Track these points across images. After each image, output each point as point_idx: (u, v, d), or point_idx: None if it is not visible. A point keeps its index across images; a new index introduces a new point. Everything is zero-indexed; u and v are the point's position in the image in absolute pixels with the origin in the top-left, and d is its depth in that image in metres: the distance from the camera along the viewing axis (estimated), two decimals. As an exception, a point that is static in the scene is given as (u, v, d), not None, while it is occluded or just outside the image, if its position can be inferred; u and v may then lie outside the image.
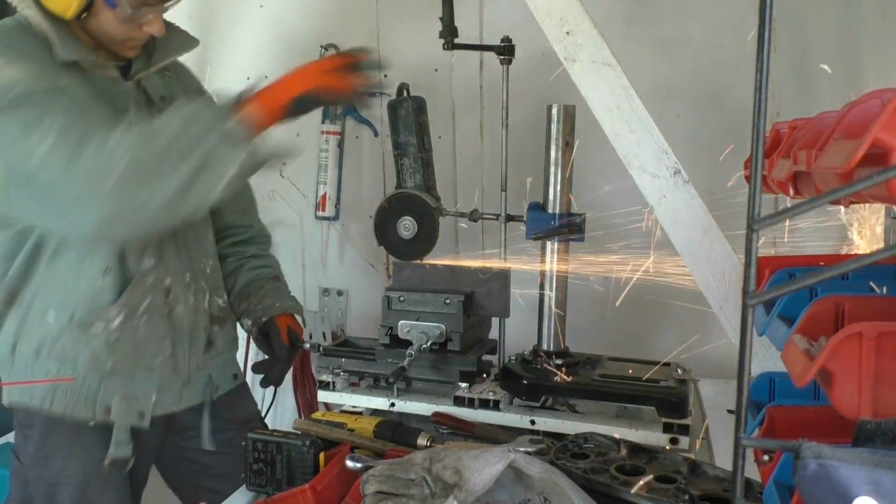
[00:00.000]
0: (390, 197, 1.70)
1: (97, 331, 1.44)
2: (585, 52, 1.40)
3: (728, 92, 2.11)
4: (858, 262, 0.53)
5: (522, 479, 1.01)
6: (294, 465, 1.24)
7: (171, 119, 1.29)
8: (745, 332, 0.56)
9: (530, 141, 1.81)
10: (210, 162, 1.25)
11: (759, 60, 0.53)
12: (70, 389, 1.46)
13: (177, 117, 1.28)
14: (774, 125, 1.15)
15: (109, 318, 1.45)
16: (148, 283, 1.49)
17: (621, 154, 1.43)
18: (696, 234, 1.41)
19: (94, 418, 1.47)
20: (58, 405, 1.45)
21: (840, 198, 0.64)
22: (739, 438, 0.56)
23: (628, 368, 1.59)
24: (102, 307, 1.45)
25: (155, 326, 1.50)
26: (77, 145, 1.25)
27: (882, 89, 0.71)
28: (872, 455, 0.51)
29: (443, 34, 1.73)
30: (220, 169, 1.26)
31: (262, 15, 2.57)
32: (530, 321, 1.66)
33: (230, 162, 1.26)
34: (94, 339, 1.44)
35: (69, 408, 1.46)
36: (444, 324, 1.58)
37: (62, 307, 1.44)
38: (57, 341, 1.45)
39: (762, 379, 1.09)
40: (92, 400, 1.47)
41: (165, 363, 1.52)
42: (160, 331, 1.51)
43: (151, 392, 1.52)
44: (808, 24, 2.05)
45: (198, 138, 1.25)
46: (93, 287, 1.44)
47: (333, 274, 2.64)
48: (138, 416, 1.50)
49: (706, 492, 1.04)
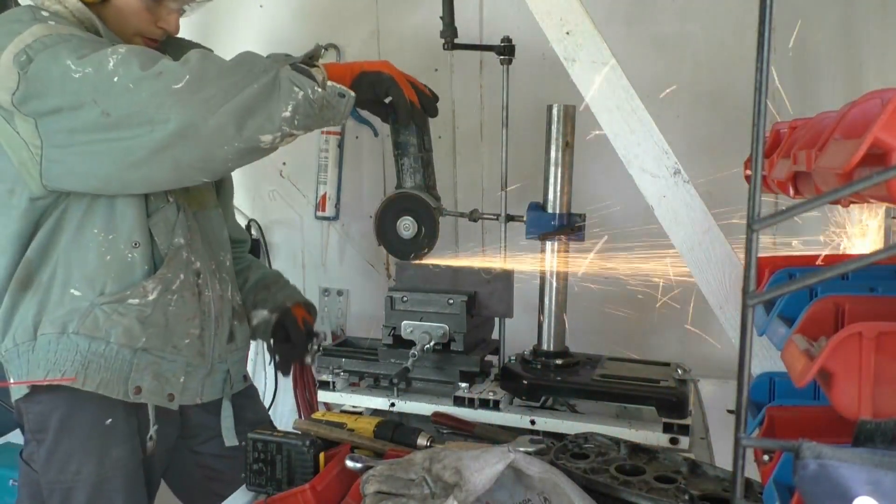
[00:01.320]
0: (390, 197, 1.70)
1: (132, 304, 1.44)
2: (585, 52, 1.40)
3: (728, 92, 2.11)
4: (858, 262, 0.53)
5: (522, 479, 1.01)
6: (294, 465, 1.24)
7: (240, 55, 1.35)
8: (745, 332, 0.55)
9: (530, 141, 1.81)
10: (280, 84, 1.31)
11: (759, 60, 0.53)
12: (103, 366, 1.44)
13: (248, 54, 1.35)
14: (774, 125, 1.15)
15: (146, 292, 1.46)
16: (182, 258, 1.51)
17: (621, 154, 1.43)
18: (696, 234, 1.41)
19: (126, 397, 1.46)
20: (90, 382, 1.43)
21: (840, 198, 0.64)
22: (739, 438, 0.56)
23: (628, 368, 1.59)
24: (135, 282, 1.45)
25: (186, 305, 1.52)
26: (147, 59, 1.30)
27: (882, 89, 0.71)
28: (872, 455, 0.51)
29: (443, 34, 1.73)
30: (287, 92, 1.32)
31: (261, 15, 2.57)
32: (530, 321, 1.66)
33: (298, 88, 1.32)
34: (128, 313, 1.44)
35: (101, 385, 1.44)
36: (447, 324, 1.59)
37: (89, 282, 1.44)
38: (87, 316, 1.43)
39: (762, 379, 1.09)
40: (124, 378, 1.46)
41: (193, 345, 1.54)
42: (190, 310, 1.53)
43: (180, 374, 1.53)
44: (809, 24, 2.05)
45: (269, 65, 1.33)
46: (123, 261, 1.45)
47: (333, 274, 2.64)
48: (168, 397, 1.51)
49: (706, 492, 1.04)
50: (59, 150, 1.34)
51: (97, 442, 1.47)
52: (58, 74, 1.29)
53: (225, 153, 1.32)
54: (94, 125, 1.29)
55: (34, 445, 1.51)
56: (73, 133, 1.31)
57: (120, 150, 1.31)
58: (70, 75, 1.28)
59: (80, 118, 1.29)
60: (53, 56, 1.29)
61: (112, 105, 1.28)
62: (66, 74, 1.28)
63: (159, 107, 1.27)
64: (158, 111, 1.27)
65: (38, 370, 1.44)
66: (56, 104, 1.30)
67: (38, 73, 1.29)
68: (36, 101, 1.30)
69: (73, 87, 1.28)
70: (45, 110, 1.31)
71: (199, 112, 1.27)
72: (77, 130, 1.31)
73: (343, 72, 1.46)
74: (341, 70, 1.46)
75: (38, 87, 1.30)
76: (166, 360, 1.51)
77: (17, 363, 1.46)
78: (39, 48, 1.30)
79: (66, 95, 1.29)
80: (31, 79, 1.29)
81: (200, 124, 1.27)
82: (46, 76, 1.29)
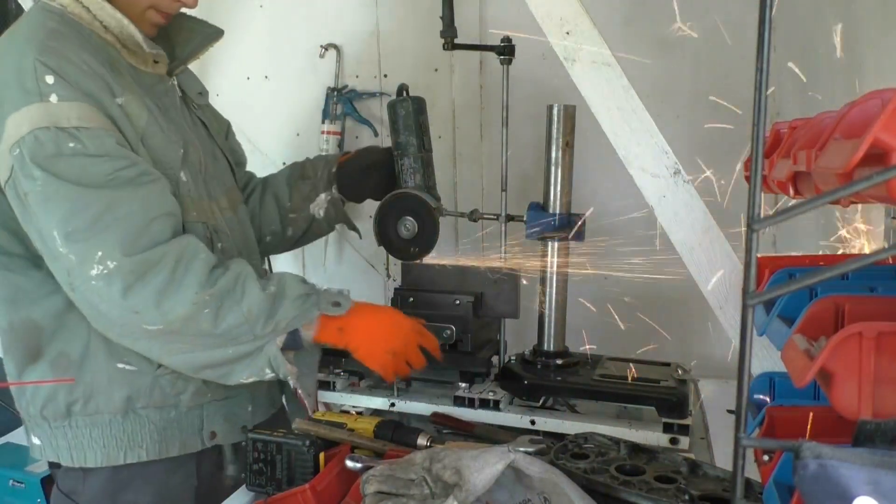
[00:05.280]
0: (390, 197, 1.69)
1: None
2: (585, 52, 1.41)
3: (728, 92, 2.11)
4: (858, 262, 0.53)
5: (522, 479, 1.01)
6: (294, 465, 1.24)
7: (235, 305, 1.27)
8: (745, 332, 0.55)
9: (530, 141, 1.81)
10: (256, 360, 1.31)
11: (759, 60, 0.53)
12: (177, 429, 1.42)
13: (244, 306, 1.28)
14: (774, 125, 1.15)
15: None
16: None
17: (621, 154, 1.43)
18: (696, 234, 1.41)
19: (203, 445, 1.45)
20: (172, 449, 1.42)
21: (840, 198, 0.64)
22: (739, 438, 0.56)
23: (628, 368, 1.59)
24: None
25: None
26: (134, 280, 1.22)
27: (882, 89, 0.71)
28: (872, 455, 0.51)
29: (443, 34, 1.73)
30: (257, 369, 1.32)
31: (262, 15, 2.57)
32: (530, 321, 1.66)
33: (270, 371, 1.33)
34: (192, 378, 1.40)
35: (181, 447, 1.43)
36: (453, 324, 1.58)
37: (141, 355, 1.35)
38: (153, 390, 1.39)
39: (762, 379, 1.09)
40: (197, 430, 1.45)
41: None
42: None
43: (247, 404, 1.52)
44: (809, 24, 2.05)
45: (261, 332, 1.29)
46: None
47: (333, 274, 2.64)
48: (241, 430, 1.49)
49: (706, 492, 1.04)
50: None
51: (154, 468, 1.42)
52: (44, 228, 1.23)
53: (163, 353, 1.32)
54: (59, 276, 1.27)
55: (80, 477, 1.41)
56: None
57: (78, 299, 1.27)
58: (52, 244, 1.22)
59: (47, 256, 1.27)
60: (44, 200, 1.21)
61: (79, 297, 1.25)
62: (49, 237, 1.22)
63: (122, 336, 1.28)
64: (121, 335, 1.28)
65: (111, 450, 1.38)
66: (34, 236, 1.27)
67: (27, 193, 1.22)
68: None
69: (51, 253, 1.24)
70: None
71: (162, 346, 1.29)
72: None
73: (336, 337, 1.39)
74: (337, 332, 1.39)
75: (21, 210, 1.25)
76: (232, 399, 1.49)
77: (61, 442, 1.40)
78: (33, 153, 1.20)
79: (44, 248, 1.25)
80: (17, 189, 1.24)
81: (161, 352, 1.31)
82: (32, 210, 1.23)
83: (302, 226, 1.79)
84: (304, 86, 2.54)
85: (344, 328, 1.38)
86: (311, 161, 1.82)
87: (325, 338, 1.37)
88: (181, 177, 1.40)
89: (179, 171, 1.39)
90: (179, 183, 1.39)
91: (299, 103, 2.56)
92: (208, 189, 1.49)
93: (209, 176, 1.51)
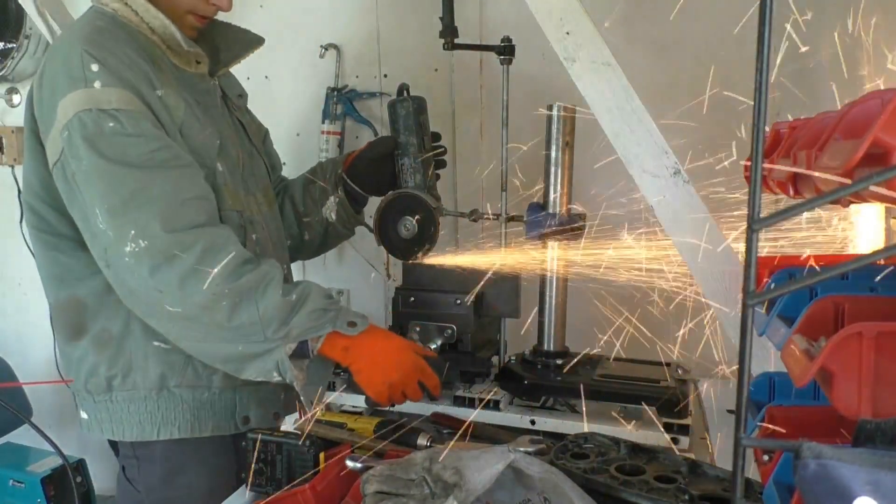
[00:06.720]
0: (390, 197, 1.69)
1: None
2: (585, 52, 1.40)
3: (728, 92, 2.11)
4: (858, 262, 0.53)
5: (522, 479, 1.01)
6: (294, 465, 1.24)
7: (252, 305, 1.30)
8: (745, 332, 0.55)
9: (530, 141, 1.81)
10: (264, 363, 1.33)
11: (759, 60, 0.53)
12: (210, 410, 1.47)
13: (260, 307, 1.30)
14: (774, 125, 1.15)
15: None
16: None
17: (621, 154, 1.43)
18: (696, 234, 1.41)
19: (237, 429, 1.49)
20: (205, 429, 1.46)
21: (840, 198, 0.64)
22: (739, 438, 0.56)
23: (628, 368, 1.59)
24: None
25: None
26: (162, 261, 1.27)
27: (882, 89, 0.71)
28: (872, 455, 0.51)
29: (443, 34, 1.73)
30: (266, 371, 1.34)
31: (262, 15, 2.57)
32: (530, 321, 1.66)
33: (278, 375, 1.34)
34: None
35: (214, 428, 1.48)
36: (454, 324, 1.58)
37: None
38: (186, 369, 1.44)
39: (762, 379, 1.09)
40: (231, 413, 1.49)
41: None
42: None
43: (280, 391, 1.55)
44: (808, 23, 2.05)
45: (274, 334, 1.31)
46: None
47: (333, 274, 2.64)
48: (273, 416, 1.54)
49: (706, 492, 1.04)
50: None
51: (206, 451, 1.49)
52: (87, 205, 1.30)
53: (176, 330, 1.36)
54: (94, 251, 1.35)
55: (135, 464, 1.50)
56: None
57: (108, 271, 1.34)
58: (94, 220, 1.30)
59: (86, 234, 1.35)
60: (86, 178, 1.29)
61: (113, 274, 1.32)
62: (92, 213, 1.29)
63: (147, 315, 1.34)
64: (146, 314, 1.34)
65: (146, 426, 1.45)
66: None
67: (74, 173, 1.31)
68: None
69: (91, 231, 1.32)
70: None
71: (180, 330, 1.33)
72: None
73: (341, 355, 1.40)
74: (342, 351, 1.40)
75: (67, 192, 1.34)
76: (265, 385, 1.49)
77: (103, 415, 1.47)
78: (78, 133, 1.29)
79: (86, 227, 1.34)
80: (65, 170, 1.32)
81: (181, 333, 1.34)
82: (78, 189, 1.31)
83: (318, 230, 1.81)
84: (303, 86, 2.54)
85: (349, 348, 1.39)
86: (322, 164, 1.85)
87: (330, 353, 1.39)
88: (217, 167, 1.44)
89: (216, 161, 1.44)
90: (216, 173, 1.44)
91: (299, 103, 2.56)
92: (245, 183, 1.54)
93: (246, 172, 1.56)
